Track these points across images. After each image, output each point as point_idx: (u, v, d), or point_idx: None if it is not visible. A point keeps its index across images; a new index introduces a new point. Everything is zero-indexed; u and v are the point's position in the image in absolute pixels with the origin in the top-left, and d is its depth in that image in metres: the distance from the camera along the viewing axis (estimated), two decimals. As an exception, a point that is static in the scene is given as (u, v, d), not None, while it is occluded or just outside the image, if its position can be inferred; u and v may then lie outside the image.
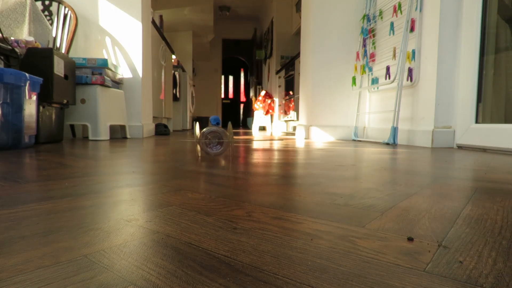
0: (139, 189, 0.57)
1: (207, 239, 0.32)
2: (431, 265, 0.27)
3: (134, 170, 0.80)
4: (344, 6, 2.73)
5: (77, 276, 0.24)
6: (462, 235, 0.34)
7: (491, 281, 0.24)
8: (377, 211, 0.43)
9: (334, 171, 0.82)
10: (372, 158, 1.18)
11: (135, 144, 1.80)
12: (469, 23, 1.77)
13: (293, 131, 4.40)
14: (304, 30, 3.02)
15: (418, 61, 2.02)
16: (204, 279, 0.24)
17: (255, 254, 0.28)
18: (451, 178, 0.74)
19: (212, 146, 1.11)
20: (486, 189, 0.60)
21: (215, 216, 0.40)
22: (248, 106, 8.90)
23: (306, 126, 2.84)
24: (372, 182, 0.66)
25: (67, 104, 1.94)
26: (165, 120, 4.13)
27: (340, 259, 0.28)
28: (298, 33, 4.26)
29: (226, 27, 7.78)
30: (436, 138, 1.84)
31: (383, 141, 2.12)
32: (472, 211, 0.44)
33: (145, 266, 0.26)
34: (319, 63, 2.76)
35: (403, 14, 2.13)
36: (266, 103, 5.28)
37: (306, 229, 0.36)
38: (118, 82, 2.46)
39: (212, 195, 0.52)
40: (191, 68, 6.06)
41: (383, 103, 2.50)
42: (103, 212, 0.41)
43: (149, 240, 0.32)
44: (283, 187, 0.60)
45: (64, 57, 1.88)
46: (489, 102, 1.75)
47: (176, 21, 5.29)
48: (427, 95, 1.93)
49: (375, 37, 2.60)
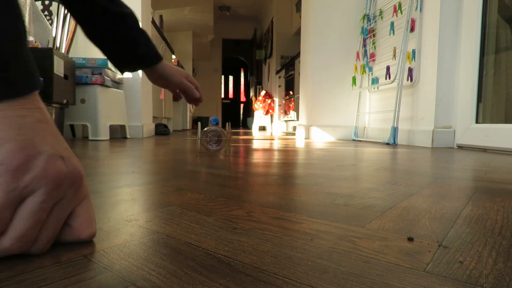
0: (139, 189, 0.57)
1: (207, 239, 0.32)
2: (431, 265, 0.27)
3: (134, 170, 0.80)
4: (344, 6, 2.73)
5: (77, 276, 0.24)
6: (462, 235, 0.34)
7: (491, 281, 0.24)
8: (377, 211, 0.43)
9: (334, 171, 0.82)
10: (372, 158, 1.18)
11: (135, 144, 1.80)
12: (469, 23, 1.77)
13: (293, 131, 4.40)
14: (304, 30, 3.02)
15: (418, 61, 2.02)
16: (204, 279, 0.24)
17: (255, 254, 0.28)
18: (451, 178, 0.74)
19: (212, 143, 1.24)
20: (486, 189, 0.60)
21: (215, 216, 0.40)
22: (248, 106, 8.90)
23: (306, 126, 2.84)
24: (372, 182, 0.66)
25: (67, 104, 1.94)
26: (165, 120, 4.13)
27: (340, 259, 0.28)
28: (298, 33, 4.26)
29: (226, 27, 7.78)
30: (436, 138, 1.84)
31: (383, 141, 2.12)
32: (472, 211, 0.44)
33: (145, 266, 0.26)
34: (319, 63, 2.76)
35: (403, 14, 2.13)
36: (266, 103, 5.29)
37: (306, 229, 0.36)
38: (118, 82, 2.46)
39: (212, 195, 0.52)
40: (191, 68, 6.06)
41: (383, 103, 2.50)
42: (103, 212, 0.41)
43: (149, 240, 0.32)
44: (283, 187, 0.60)
45: (64, 57, 1.88)
46: (489, 102, 1.75)
47: (176, 21, 5.29)
48: (427, 95, 1.93)
49: (375, 37, 2.60)
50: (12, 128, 0.25)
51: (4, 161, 0.24)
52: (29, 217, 0.25)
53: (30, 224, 0.25)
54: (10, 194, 0.24)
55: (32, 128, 0.26)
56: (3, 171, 0.24)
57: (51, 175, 0.26)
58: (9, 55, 0.25)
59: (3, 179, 0.24)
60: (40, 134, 0.27)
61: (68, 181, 0.27)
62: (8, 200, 0.24)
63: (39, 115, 0.27)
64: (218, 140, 1.23)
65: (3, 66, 0.25)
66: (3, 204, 0.24)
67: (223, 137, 1.22)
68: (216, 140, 1.23)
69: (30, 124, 0.26)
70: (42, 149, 0.26)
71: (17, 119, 0.25)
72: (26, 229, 0.25)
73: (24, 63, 0.27)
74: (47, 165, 0.26)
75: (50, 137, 0.27)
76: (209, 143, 1.23)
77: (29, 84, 0.27)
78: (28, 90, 0.27)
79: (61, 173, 0.27)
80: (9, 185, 0.24)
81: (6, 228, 0.25)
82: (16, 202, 0.25)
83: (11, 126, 0.25)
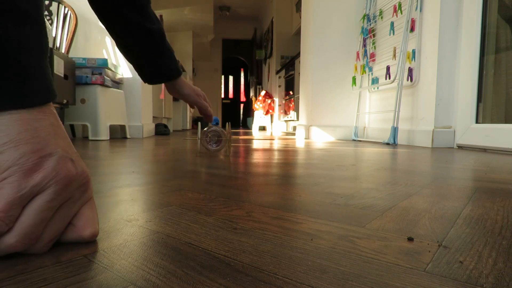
0: (139, 189, 0.57)
1: (207, 239, 0.32)
2: (431, 265, 0.27)
3: (134, 170, 0.80)
4: (344, 6, 2.73)
5: (77, 276, 0.24)
6: (462, 235, 0.34)
7: (491, 281, 0.24)
8: (377, 211, 0.43)
9: (334, 171, 0.82)
10: (372, 158, 1.18)
11: (135, 144, 1.80)
12: (469, 23, 1.77)
13: (293, 131, 4.40)
14: (304, 30, 3.02)
15: (418, 61, 2.02)
16: (204, 279, 0.24)
17: (255, 254, 0.28)
18: (451, 178, 0.74)
19: (212, 143, 1.23)
20: (487, 189, 0.60)
21: (215, 216, 0.40)
22: (248, 106, 8.90)
23: (306, 126, 2.84)
24: (372, 182, 0.66)
25: (67, 104, 1.94)
26: (165, 120, 4.13)
27: (340, 259, 0.28)
28: (298, 33, 4.26)
29: (226, 27, 7.78)
30: (436, 138, 1.84)
31: (383, 141, 2.12)
32: (472, 211, 0.44)
33: (145, 266, 0.26)
34: (319, 63, 2.76)
35: (403, 14, 2.13)
36: (266, 103, 5.29)
37: (306, 229, 0.36)
38: (118, 82, 2.46)
39: (212, 195, 0.52)
40: (191, 68, 6.06)
41: (383, 103, 2.50)
42: (103, 212, 0.41)
43: (149, 240, 0.32)
44: (283, 187, 0.60)
45: (64, 57, 1.88)
46: (489, 102, 1.76)
47: (176, 21, 5.29)
48: (427, 95, 1.93)
49: (375, 37, 2.60)
50: (28, 131, 0.27)
51: (18, 162, 0.26)
52: (36, 214, 0.26)
53: (36, 222, 0.26)
54: (21, 192, 0.25)
55: (46, 131, 0.28)
56: (17, 170, 0.25)
57: (60, 176, 0.27)
58: (31, 68, 0.27)
59: (16, 178, 0.25)
60: (53, 137, 0.28)
61: (76, 183, 0.29)
62: (19, 198, 0.25)
63: (53, 119, 0.29)
64: (218, 140, 1.23)
65: (26, 77, 0.27)
66: (14, 201, 0.25)
67: (223, 137, 1.22)
68: (216, 140, 1.23)
69: (45, 127, 0.28)
70: (54, 150, 0.28)
71: (33, 122, 0.27)
72: (32, 226, 0.26)
73: (44, 74, 0.29)
74: (58, 166, 0.27)
75: (61, 140, 0.29)
76: (209, 143, 1.23)
77: (47, 95, 0.29)
78: (46, 100, 0.29)
79: (71, 174, 0.28)
80: (21, 184, 0.25)
81: (13, 224, 0.25)
82: (26, 200, 0.26)
83: (28, 129, 0.27)
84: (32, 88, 0.27)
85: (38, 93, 0.28)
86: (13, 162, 0.25)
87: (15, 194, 0.25)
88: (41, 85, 0.28)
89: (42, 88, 0.28)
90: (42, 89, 0.28)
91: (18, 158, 0.26)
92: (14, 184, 0.25)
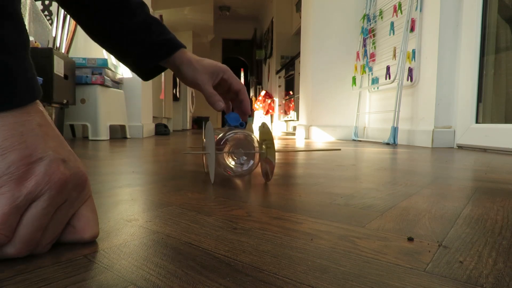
0: (139, 189, 0.57)
1: (207, 239, 0.32)
2: (431, 265, 0.27)
3: (134, 170, 0.80)
4: (344, 6, 2.73)
5: (77, 276, 0.24)
6: (462, 235, 0.34)
7: (491, 281, 0.24)
8: (377, 211, 0.43)
9: (334, 171, 0.82)
10: (372, 158, 1.18)
11: (135, 144, 1.80)
12: (469, 23, 1.77)
13: (293, 131, 4.40)
14: (304, 30, 3.02)
15: (418, 61, 2.02)
16: (204, 279, 0.24)
17: (255, 254, 0.28)
18: (451, 178, 0.74)
19: (238, 160, 0.64)
20: (487, 189, 0.60)
21: (215, 216, 0.40)
22: (248, 106, 8.88)
23: (306, 126, 2.84)
24: (372, 182, 0.66)
25: (67, 104, 1.94)
26: (165, 120, 4.13)
27: (340, 259, 0.28)
28: (298, 33, 4.27)
29: (226, 27, 7.78)
30: (436, 138, 1.84)
31: (383, 141, 2.12)
32: (472, 211, 0.44)
33: (145, 266, 0.26)
34: (319, 63, 2.76)
35: (403, 14, 2.13)
36: (266, 103, 5.29)
37: (306, 229, 0.36)
38: (118, 82, 2.46)
39: (212, 195, 0.52)
40: (191, 68, 6.04)
41: (383, 103, 2.50)
42: (103, 212, 0.41)
43: (149, 240, 0.32)
44: (283, 187, 0.60)
45: (64, 57, 1.88)
46: (489, 102, 1.76)
47: (176, 21, 5.29)
48: (427, 95, 1.93)
49: (375, 37, 2.60)
50: (14, 137, 0.25)
51: (7, 171, 0.25)
52: (33, 222, 0.25)
53: (34, 230, 0.26)
54: (16, 201, 0.25)
55: (33, 134, 0.26)
56: (7, 180, 0.25)
57: (54, 180, 0.26)
58: (14, 67, 0.26)
59: (8, 188, 0.25)
60: (42, 139, 0.27)
61: (71, 184, 0.28)
62: (15, 208, 0.25)
63: (39, 119, 0.27)
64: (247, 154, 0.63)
65: (9, 78, 0.25)
66: (11, 211, 0.24)
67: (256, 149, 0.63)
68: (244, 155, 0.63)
69: (32, 129, 0.26)
70: (44, 154, 0.26)
71: (18, 126, 0.26)
72: (30, 234, 0.26)
73: (26, 72, 0.27)
74: (49, 170, 0.26)
75: (52, 140, 0.28)
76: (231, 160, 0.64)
77: (31, 94, 0.27)
78: (30, 99, 0.27)
79: (64, 177, 0.27)
80: (14, 193, 0.25)
81: (13, 234, 0.25)
82: (21, 209, 0.25)
83: (13, 134, 0.25)
84: (12, 89, 0.25)
85: (20, 93, 0.26)
86: (2, 172, 0.24)
87: (11, 204, 0.24)
88: (24, 84, 0.26)
89: (26, 87, 0.26)
90: (26, 88, 0.26)
91: (6, 167, 0.25)
92: (8, 195, 0.24)
